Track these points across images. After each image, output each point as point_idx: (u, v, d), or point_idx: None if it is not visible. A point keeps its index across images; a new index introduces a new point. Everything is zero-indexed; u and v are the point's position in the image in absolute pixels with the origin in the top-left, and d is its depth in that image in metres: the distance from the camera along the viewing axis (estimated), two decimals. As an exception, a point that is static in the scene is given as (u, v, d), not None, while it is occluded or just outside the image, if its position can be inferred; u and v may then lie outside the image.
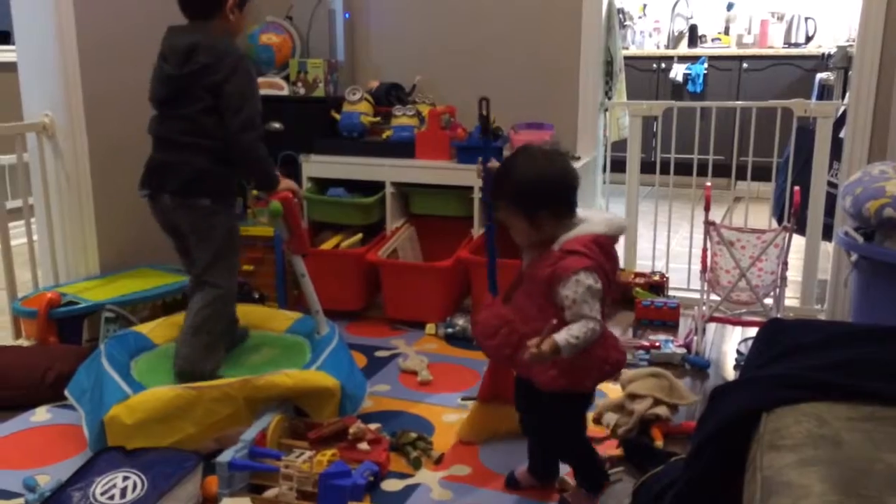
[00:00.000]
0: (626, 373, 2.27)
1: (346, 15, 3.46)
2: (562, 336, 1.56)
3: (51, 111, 2.80)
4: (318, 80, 3.32)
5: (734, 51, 5.93)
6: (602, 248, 1.64)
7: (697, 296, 2.80)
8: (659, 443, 2.07)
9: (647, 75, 5.93)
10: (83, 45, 2.79)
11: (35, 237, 2.89)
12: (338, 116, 3.25)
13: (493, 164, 1.88)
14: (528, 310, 1.68)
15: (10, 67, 2.95)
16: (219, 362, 2.24)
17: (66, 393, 2.23)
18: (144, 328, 2.50)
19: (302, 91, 3.34)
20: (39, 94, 2.80)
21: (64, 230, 2.88)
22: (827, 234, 3.13)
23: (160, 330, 2.49)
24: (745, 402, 1.34)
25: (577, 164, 2.96)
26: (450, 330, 2.87)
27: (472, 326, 1.79)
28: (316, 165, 3.20)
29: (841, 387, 1.30)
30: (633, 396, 2.20)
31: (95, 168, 2.89)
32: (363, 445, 1.97)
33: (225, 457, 1.79)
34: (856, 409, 1.25)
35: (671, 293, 3.27)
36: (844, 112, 3.07)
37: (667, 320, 3.02)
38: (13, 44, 2.86)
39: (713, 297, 2.73)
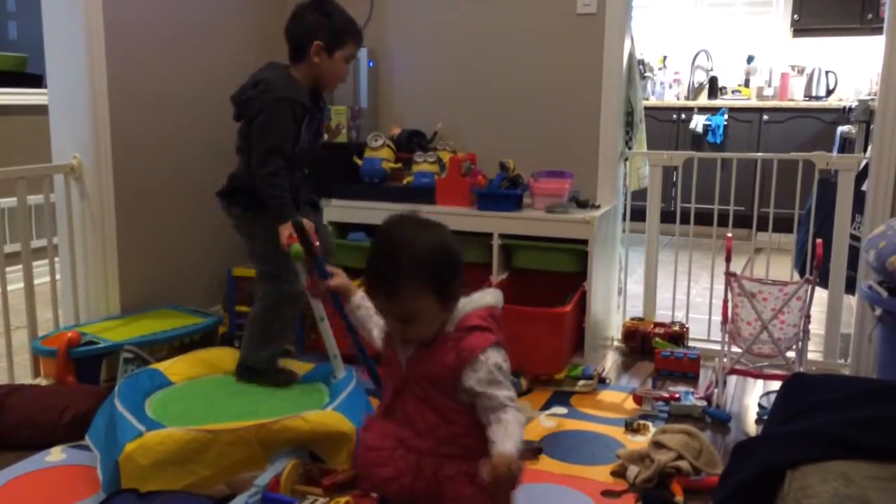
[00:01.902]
0: (661, 426, 2.25)
1: (371, 63, 3.52)
2: (507, 445, 1.25)
3: (79, 153, 2.85)
4: (341, 126, 3.37)
5: (754, 103, 5.96)
6: (497, 322, 1.41)
7: (718, 347, 2.76)
8: (679, 498, 2.03)
9: (668, 126, 5.97)
10: (113, 89, 2.86)
11: (58, 276, 2.92)
12: (360, 162, 3.29)
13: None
14: (425, 418, 1.38)
15: (42, 110, 3.02)
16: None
17: (87, 439, 2.23)
18: (162, 365, 2.50)
19: (325, 137, 3.39)
20: (69, 136, 2.86)
21: (87, 270, 2.91)
22: (850, 287, 3.10)
23: (178, 367, 2.50)
24: (769, 458, 1.31)
25: (596, 213, 2.96)
26: (467, 377, 2.85)
27: (357, 458, 1.46)
28: (337, 210, 3.23)
29: (868, 445, 1.27)
30: (658, 446, 2.17)
31: (120, 210, 2.94)
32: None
33: (238, 502, 1.78)
34: (883, 469, 1.22)
35: (691, 344, 3.24)
36: (867, 165, 3.06)
37: (687, 371, 2.98)
38: (45, 87, 2.93)
39: (734, 348, 2.70)
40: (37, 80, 4.27)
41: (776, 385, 2.46)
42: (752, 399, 2.80)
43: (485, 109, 3.42)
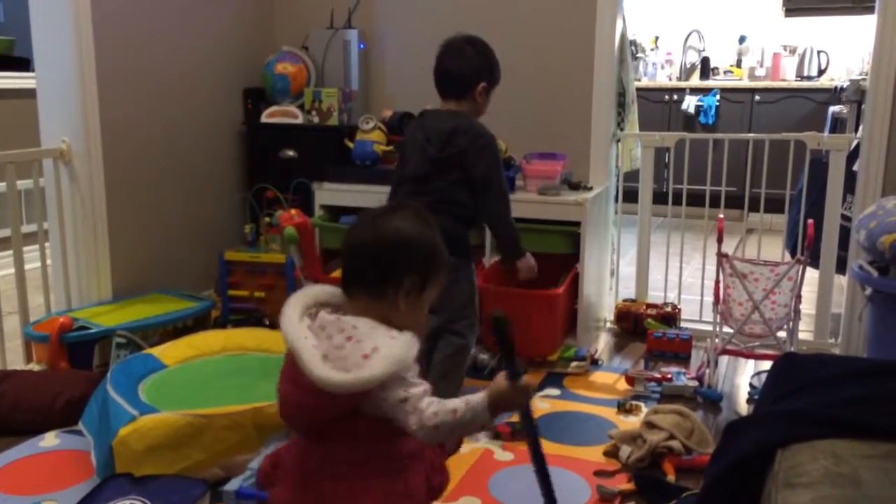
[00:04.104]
0: (653, 406, 2.26)
1: (361, 45, 3.50)
2: None
3: (68, 137, 2.83)
4: (332, 108, 3.35)
5: (746, 83, 5.95)
6: None
7: (710, 328, 2.78)
8: (671, 477, 2.04)
9: (660, 107, 5.95)
10: (102, 73, 2.83)
11: (49, 262, 2.91)
12: (351, 145, 3.27)
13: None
14: None
15: (30, 94, 3.00)
16: None
17: (80, 425, 2.23)
18: (156, 350, 2.50)
19: (316, 119, 3.37)
20: (57, 120, 2.83)
21: (77, 255, 2.90)
22: (841, 267, 3.11)
23: (172, 351, 2.50)
24: (759, 437, 1.32)
25: (588, 195, 2.96)
26: (460, 359, 2.85)
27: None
28: (329, 193, 3.22)
29: (857, 424, 1.28)
30: (650, 426, 2.18)
31: (110, 194, 2.92)
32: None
33: (232, 485, 1.78)
34: (873, 447, 1.23)
35: (683, 324, 3.25)
36: (858, 145, 3.06)
37: (679, 352, 2.99)
38: (33, 71, 2.90)
39: (726, 329, 2.71)
40: (24, 64, 4.22)
41: (767, 365, 2.47)
42: (743, 379, 2.81)
43: (476, 91, 3.39)
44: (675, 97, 5.93)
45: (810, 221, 2.61)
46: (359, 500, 1.24)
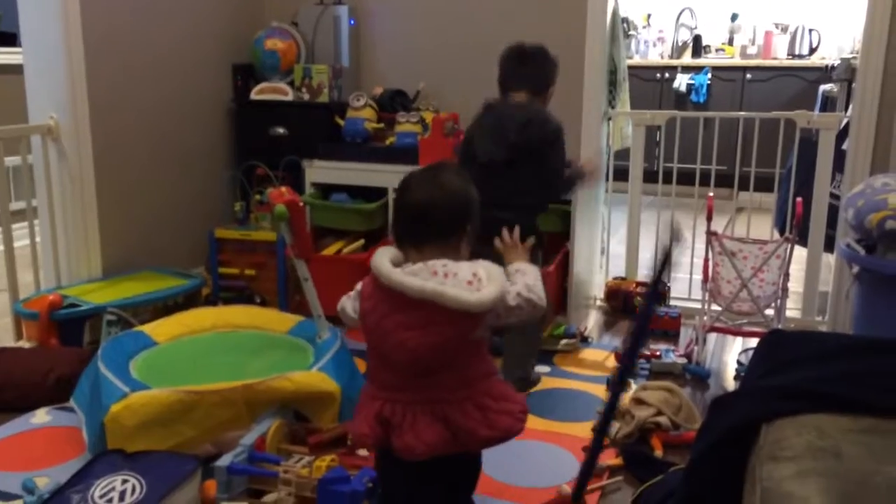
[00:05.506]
0: (642, 383, 2.29)
1: (352, 21, 3.47)
2: None
3: (56, 113, 2.81)
4: (322, 85, 3.33)
5: (738, 61, 5.94)
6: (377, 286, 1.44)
7: (698, 306, 2.80)
8: (658, 452, 2.07)
9: (651, 85, 5.94)
10: (89, 48, 2.80)
11: (38, 239, 2.90)
12: (342, 122, 3.26)
13: None
14: None
15: (17, 70, 2.97)
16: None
17: (72, 402, 2.24)
18: (146, 327, 2.51)
19: (306, 96, 3.36)
20: (45, 96, 2.81)
21: (67, 232, 2.89)
22: (829, 245, 3.13)
23: (163, 328, 2.50)
24: (744, 412, 1.34)
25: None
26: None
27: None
28: (319, 171, 3.21)
29: (841, 398, 1.30)
30: (638, 402, 2.21)
31: (99, 171, 2.90)
32: (363, 451, 1.97)
33: (224, 461, 1.79)
34: (856, 421, 1.25)
35: (672, 303, 3.27)
36: (847, 124, 3.07)
37: (667, 330, 3.01)
38: (20, 46, 2.87)
39: (714, 307, 2.73)
40: (11, 39, 4.18)
41: (755, 342, 2.49)
42: (731, 356, 2.84)
43: (468, 68, 3.38)
44: (667, 75, 5.92)
45: (799, 200, 2.63)
46: (484, 410, 1.43)
